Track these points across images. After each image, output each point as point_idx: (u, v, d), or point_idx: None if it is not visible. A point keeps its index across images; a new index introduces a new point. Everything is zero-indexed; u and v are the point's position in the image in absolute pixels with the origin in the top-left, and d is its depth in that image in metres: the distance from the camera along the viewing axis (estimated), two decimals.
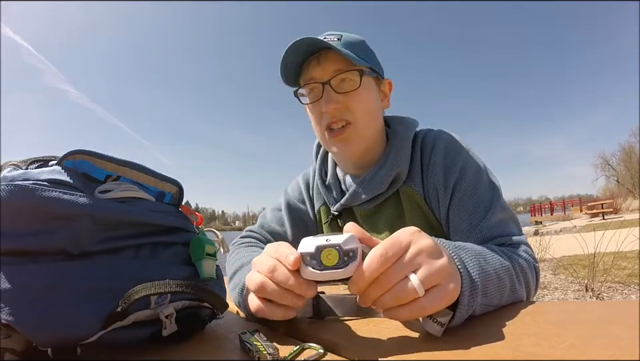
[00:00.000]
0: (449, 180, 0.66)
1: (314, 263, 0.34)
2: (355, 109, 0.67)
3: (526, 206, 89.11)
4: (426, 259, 0.34)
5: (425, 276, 0.33)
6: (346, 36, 0.67)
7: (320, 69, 0.66)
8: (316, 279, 0.34)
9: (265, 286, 0.37)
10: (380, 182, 0.69)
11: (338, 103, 0.66)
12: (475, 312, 0.38)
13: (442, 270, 0.34)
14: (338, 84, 0.66)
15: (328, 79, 0.65)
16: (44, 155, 0.41)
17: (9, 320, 0.29)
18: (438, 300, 0.33)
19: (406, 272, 0.33)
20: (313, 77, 0.67)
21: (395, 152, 0.70)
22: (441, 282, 0.34)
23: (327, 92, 0.66)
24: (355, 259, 0.34)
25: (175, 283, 0.37)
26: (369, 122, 0.69)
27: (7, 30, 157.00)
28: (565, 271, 3.73)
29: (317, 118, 0.70)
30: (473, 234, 0.60)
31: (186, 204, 0.49)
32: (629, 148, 37.63)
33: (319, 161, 0.83)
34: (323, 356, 0.34)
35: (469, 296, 0.36)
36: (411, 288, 0.32)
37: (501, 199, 0.64)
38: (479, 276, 0.38)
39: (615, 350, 0.28)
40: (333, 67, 0.65)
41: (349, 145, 0.68)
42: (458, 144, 0.69)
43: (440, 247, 0.36)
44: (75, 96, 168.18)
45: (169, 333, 0.39)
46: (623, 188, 35.16)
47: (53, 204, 0.33)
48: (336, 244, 0.33)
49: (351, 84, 0.66)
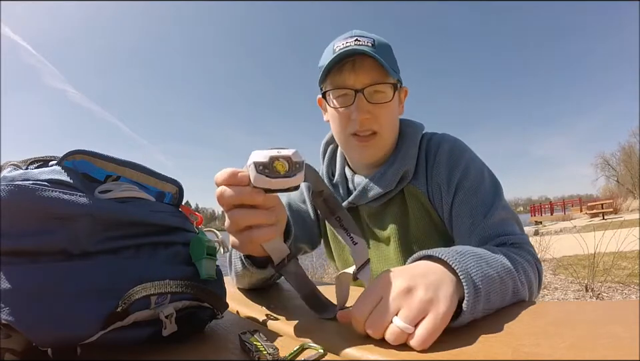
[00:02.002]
0: (452, 179, 0.68)
1: (267, 172, 0.36)
2: (383, 120, 0.69)
3: (526, 206, 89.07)
4: (403, 299, 0.35)
5: (407, 315, 0.34)
6: (377, 40, 0.68)
7: (354, 76, 0.66)
8: (268, 186, 0.37)
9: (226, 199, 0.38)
10: (389, 180, 0.71)
11: (369, 113, 0.67)
12: (477, 317, 0.39)
13: (422, 303, 0.34)
14: (371, 94, 0.67)
15: (362, 88, 0.66)
16: (44, 155, 0.41)
17: (9, 320, 0.29)
18: (433, 330, 0.33)
19: (389, 318, 0.35)
20: (346, 83, 0.67)
21: (404, 152, 0.72)
22: (427, 311, 0.34)
23: (359, 101, 0.66)
24: (302, 170, 0.38)
25: (174, 283, 0.37)
26: (392, 131, 0.73)
27: (7, 30, 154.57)
28: (565, 271, 3.73)
29: (343, 123, 0.71)
30: (475, 233, 0.61)
31: (186, 204, 0.50)
32: (629, 148, 37.64)
33: (326, 160, 0.84)
34: (323, 356, 0.34)
35: (472, 303, 0.37)
36: (399, 331, 0.34)
37: (502, 199, 0.66)
38: (482, 281, 0.38)
39: (615, 350, 0.28)
40: (368, 77, 0.66)
41: (372, 151, 0.71)
42: (461, 147, 0.72)
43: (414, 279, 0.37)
44: (75, 96, 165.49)
45: (168, 333, 0.39)
46: (623, 188, 35.16)
47: (53, 204, 0.33)
48: (287, 156, 0.37)
49: (383, 97, 0.67)
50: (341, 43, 0.67)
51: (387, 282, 0.37)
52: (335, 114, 0.72)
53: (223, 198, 0.37)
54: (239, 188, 0.37)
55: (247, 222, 0.38)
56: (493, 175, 0.70)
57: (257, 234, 0.39)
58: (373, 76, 0.65)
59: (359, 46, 0.64)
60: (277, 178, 0.36)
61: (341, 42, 0.67)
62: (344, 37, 0.68)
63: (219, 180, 0.38)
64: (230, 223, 0.39)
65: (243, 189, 0.37)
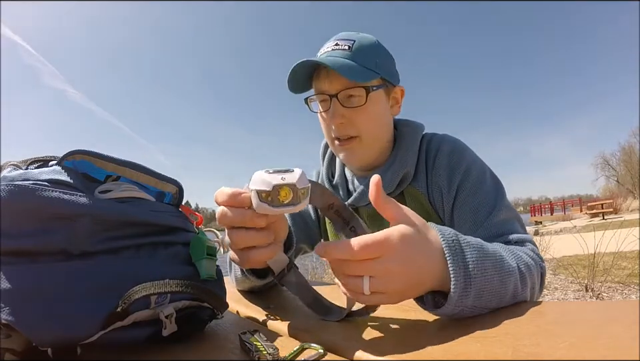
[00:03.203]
0: (453, 180, 0.67)
1: (269, 200, 0.35)
2: (361, 125, 0.68)
3: (526, 206, 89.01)
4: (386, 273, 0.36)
5: (376, 286, 0.36)
6: (360, 40, 0.67)
7: (328, 82, 0.67)
8: (271, 214, 0.36)
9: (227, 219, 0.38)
10: (389, 182, 0.70)
11: (344, 118, 0.67)
12: (464, 313, 0.39)
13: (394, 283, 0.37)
14: (345, 98, 0.67)
15: (335, 93, 0.66)
16: (44, 155, 0.41)
17: (9, 320, 0.29)
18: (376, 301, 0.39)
19: (363, 272, 0.36)
20: (323, 89, 0.68)
21: (403, 153, 0.72)
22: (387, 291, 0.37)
23: (333, 106, 0.67)
24: (307, 196, 0.37)
25: (174, 283, 0.37)
26: (376, 134, 0.71)
27: (6, 30, 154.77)
28: (565, 271, 3.73)
29: (326, 128, 0.72)
30: (478, 232, 0.61)
31: (186, 204, 0.49)
32: (629, 148, 37.63)
33: (326, 162, 0.84)
34: (323, 356, 0.34)
35: (457, 296, 0.37)
36: (358, 286, 0.36)
37: (505, 199, 0.66)
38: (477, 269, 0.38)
39: (615, 350, 0.28)
40: (340, 82, 0.66)
41: (355, 155, 0.71)
42: (462, 148, 0.71)
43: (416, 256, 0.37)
44: (74, 96, 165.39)
45: (168, 333, 0.39)
46: (623, 188, 35.15)
47: (53, 204, 0.33)
48: (292, 184, 0.35)
49: (358, 100, 0.67)
50: (323, 48, 0.69)
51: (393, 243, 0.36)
52: (320, 119, 0.73)
53: (225, 219, 0.38)
54: (241, 210, 0.37)
55: (246, 244, 0.39)
56: (495, 175, 0.70)
57: (255, 254, 0.39)
58: (344, 81, 0.65)
59: (333, 53, 0.66)
60: (281, 207, 0.35)
61: (324, 47, 0.69)
62: (328, 41, 0.70)
63: (219, 200, 0.38)
64: (230, 242, 0.39)
65: (245, 212, 0.37)
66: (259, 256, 0.39)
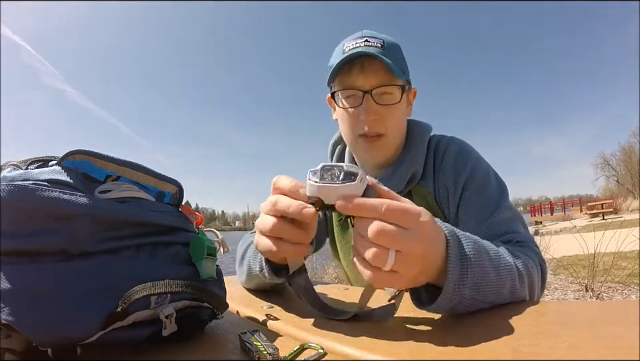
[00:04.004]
0: (459, 180, 0.69)
1: (316, 177, 0.36)
2: (391, 122, 0.69)
3: (526, 206, 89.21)
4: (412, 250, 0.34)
5: (397, 264, 0.34)
6: (387, 41, 0.68)
7: (363, 77, 0.67)
8: (315, 193, 0.36)
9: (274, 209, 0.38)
10: (398, 180, 0.72)
11: (377, 114, 0.68)
12: (462, 305, 0.39)
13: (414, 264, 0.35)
14: (379, 95, 0.67)
15: (370, 89, 0.66)
16: (44, 155, 0.41)
17: (8, 320, 0.29)
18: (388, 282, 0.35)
19: (395, 243, 0.34)
20: (355, 84, 0.68)
21: (412, 153, 0.73)
22: (403, 272, 0.35)
23: (367, 102, 0.67)
24: (354, 180, 0.35)
25: (174, 283, 0.37)
26: (399, 132, 0.73)
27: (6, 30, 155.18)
28: (565, 271, 3.73)
29: (352, 124, 0.72)
30: (480, 231, 0.62)
31: (186, 204, 0.49)
32: (629, 148, 37.62)
33: (334, 160, 0.85)
34: (323, 356, 0.34)
35: (454, 284, 0.37)
36: (383, 259, 0.33)
37: (508, 200, 0.67)
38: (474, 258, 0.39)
39: (615, 350, 0.28)
40: (377, 78, 0.66)
41: (379, 152, 0.72)
42: (468, 149, 0.73)
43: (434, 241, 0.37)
44: (73, 96, 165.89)
45: (168, 333, 0.39)
46: (623, 188, 35.14)
47: (53, 204, 0.33)
48: (340, 165, 0.36)
49: (391, 98, 0.68)
50: (350, 44, 0.67)
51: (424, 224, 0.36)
52: (344, 114, 0.72)
53: (275, 205, 0.38)
54: (296, 202, 0.37)
55: (284, 235, 0.39)
56: (499, 177, 0.71)
57: (289, 248, 0.39)
58: (381, 77, 0.66)
59: (368, 48, 0.65)
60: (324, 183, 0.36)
61: (350, 43, 0.68)
62: (354, 37, 0.69)
63: (279, 185, 0.39)
64: (267, 228, 0.39)
65: (299, 204, 0.37)
66: (293, 250, 0.40)
